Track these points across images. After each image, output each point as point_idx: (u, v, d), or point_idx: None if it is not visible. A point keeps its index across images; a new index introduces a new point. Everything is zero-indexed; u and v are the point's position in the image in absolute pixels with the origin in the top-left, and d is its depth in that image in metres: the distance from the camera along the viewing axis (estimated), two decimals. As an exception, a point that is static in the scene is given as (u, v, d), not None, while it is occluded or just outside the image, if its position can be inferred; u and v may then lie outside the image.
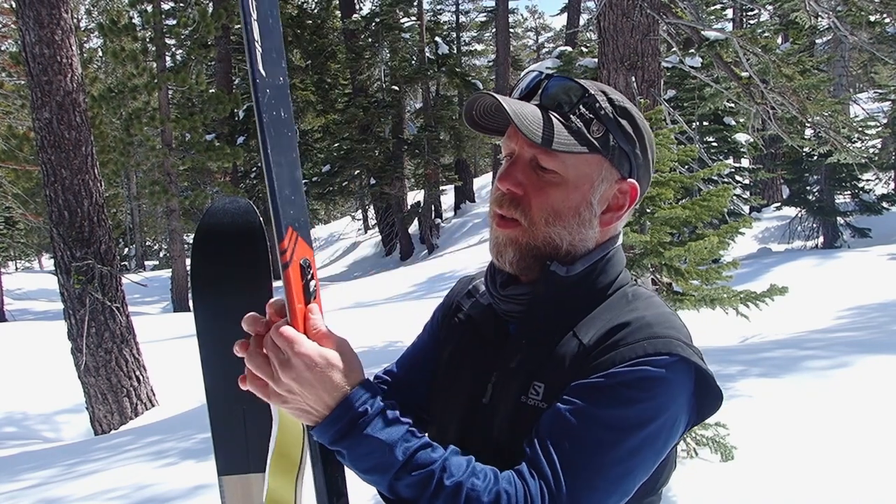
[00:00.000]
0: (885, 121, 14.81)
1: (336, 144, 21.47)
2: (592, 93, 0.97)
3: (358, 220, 30.90)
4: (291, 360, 0.84)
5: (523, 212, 0.97)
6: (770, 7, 10.09)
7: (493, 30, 23.32)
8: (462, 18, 25.93)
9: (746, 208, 13.80)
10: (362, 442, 0.85)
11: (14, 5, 6.25)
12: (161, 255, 34.85)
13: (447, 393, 1.10)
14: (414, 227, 22.32)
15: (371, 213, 26.97)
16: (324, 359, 0.85)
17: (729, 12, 15.97)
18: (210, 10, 15.60)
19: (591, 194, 0.97)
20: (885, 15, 8.27)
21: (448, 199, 25.61)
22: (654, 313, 0.96)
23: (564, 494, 0.84)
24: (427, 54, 20.99)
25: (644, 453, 0.89)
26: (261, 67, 0.87)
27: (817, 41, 16.43)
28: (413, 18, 21.40)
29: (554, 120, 0.95)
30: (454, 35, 25.12)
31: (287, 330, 0.86)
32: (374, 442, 0.85)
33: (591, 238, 1.00)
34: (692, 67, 6.54)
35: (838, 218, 13.81)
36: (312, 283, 0.91)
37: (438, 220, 22.54)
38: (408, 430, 0.88)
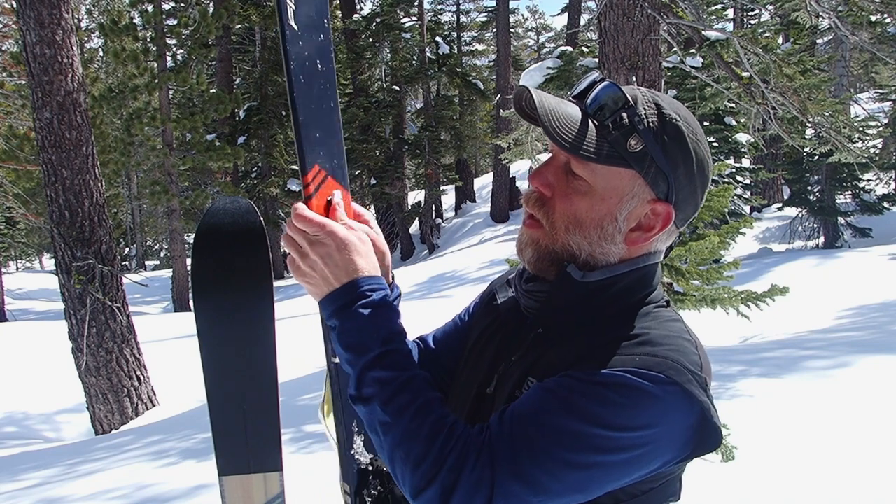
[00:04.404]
0: (885, 121, 14.81)
1: (337, 144, 21.43)
2: (637, 104, 0.91)
3: (358, 220, 30.83)
4: (323, 239, 0.94)
5: (546, 214, 0.96)
6: (771, 7, 10.08)
7: (494, 30, 23.29)
8: (463, 18, 25.95)
9: (747, 208, 13.80)
10: (356, 317, 0.92)
11: (15, 5, 6.25)
12: (162, 255, 34.84)
13: (463, 379, 1.11)
14: (415, 227, 22.33)
15: (372, 212, 26.98)
16: (353, 244, 0.95)
17: (730, 12, 15.97)
18: (211, 9, 15.61)
19: (618, 209, 0.93)
20: (885, 15, 8.26)
21: (449, 198, 25.62)
22: (663, 333, 0.91)
23: (504, 458, 0.82)
24: (428, 54, 20.99)
25: (605, 457, 0.83)
26: (292, 22, 0.98)
27: (818, 41, 16.42)
28: (414, 18, 21.40)
29: (591, 126, 0.91)
30: (455, 35, 25.13)
31: (315, 215, 0.95)
32: (365, 321, 0.92)
33: (614, 253, 0.95)
34: (693, 67, 6.53)
35: (839, 218, 13.81)
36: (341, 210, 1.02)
37: (439, 220, 22.54)
38: (400, 332, 0.94)
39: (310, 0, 1.00)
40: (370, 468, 1.14)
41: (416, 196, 23.57)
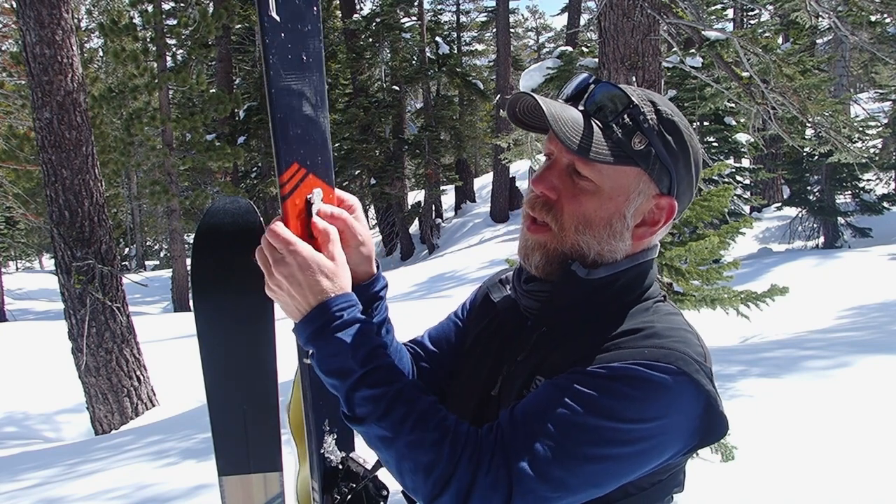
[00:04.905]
0: (885, 121, 14.81)
1: (336, 144, 21.44)
2: (637, 103, 0.93)
3: (358, 220, 30.86)
4: (286, 258, 0.91)
5: (554, 217, 0.96)
6: (770, 7, 10.08)
7: (494, 30, 23.28)
8: (463, 18, 25.92)
9: (747, 208, 13.79)
10: (330, 342, 0.89)
11: (15, 5, 6.25)
12: (161, 255, 34.83)
13: (463, 381, 1.11)
14: (414, 227, 22.32)
15: (372, 213, 26.97)
16: (316, 263, 0.91)
17: (730, 12, 15.96)
18: (210, 9, 15.60)
19: (626, 207, 0.95)
20: (885, 15, 8.26)
21: (448, 198, 25.61)
22: (667, 326, 0.93)
23: (519, 457, 0.82)
24: (428, 54, 20.98)
25: (620, 450, 0.84)
26: (273, 13, 0.93)
27: (818, 41, 16.42)
28: (414, 18, 21.39)
29: (594, 127, 0.93)
30: (455, 35, 25.11)
31: (284, 231, 0.92)
32: (340, 345, 0.89)
33: (621, 250, 0.97)
34: (693, 67, 6.53)
35: (839, 218, 13.81)
36: (316, 213, 0.97)
37: (439, 220, 22.53)
38: (378, 346, 0.91)
39: None
40: (340, 466, 1.13)
41: (416, 196, 23.56)
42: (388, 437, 0.86)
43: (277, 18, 0.93)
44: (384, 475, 1.05)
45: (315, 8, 0.97)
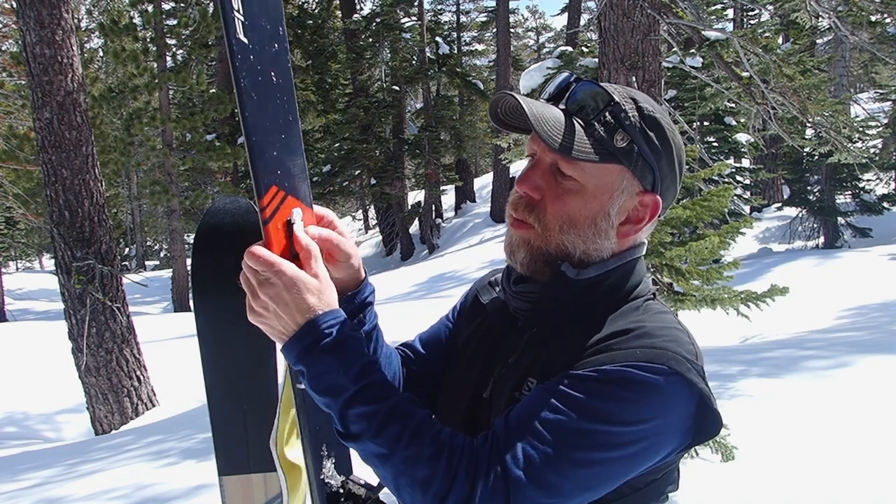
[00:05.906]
0: (885, 121, 14.80)
1: (337, 144, 21.46)
2: (619, 100, 0.93)
3: (358, 220, 30.91)
4: (272, 279, 0.89)
5: (538, 217, 0.96)
6: (771, 7, 10.07)
7: (494, 30, 23.26)
8: (463, 18, 25.89)
9: (747, 208, 13.79)
10: (321, 360, 0.88)
11: (15, 5, 6.26)
12: (162, 255, 34.82)
13: (454, 383, 1.11)
14: (414, 227, 22.32)
15: (371, 213, 26.99)
16: (301, 282, 0.90)
17: (730, 12, 15.94)
18: (210, 9, 15.60)
19: (610, 205, 0.95)
20: (885, 15, 8.26)
21: (448, 198, 25.61)
22: (658, 325, 0.92)
23: (516, 465, 0.82)
24: (428, 54, 20.98)
25: (614, 453, 0.84)
26: (242, 36, 0.90)
27: (818, 41, 16.41)
28: (414, 18, 21.39)
29: (576, 126, 0.92)
30: (455, 35, 25.09)
31: (265, 252, 0.90)
32: (331, 362, 0.88)
33: (607, 248, 0.97)
34: (693, 67, 6.53)
35: (839, 218, 13.81)
36: (300, 231, 0.95)
37: (439, 220, 22.53)
38: (370, 363, 0.90)
39: (262, 10, 0.94)
40: (341, 490, 1.12)
41: (416, 196, 23.56)
42: (384, 454, 0.86)
43: (245, 41, 0.91)
44: (385, 494, 1.05)
45: (281, 28, 0.96)
